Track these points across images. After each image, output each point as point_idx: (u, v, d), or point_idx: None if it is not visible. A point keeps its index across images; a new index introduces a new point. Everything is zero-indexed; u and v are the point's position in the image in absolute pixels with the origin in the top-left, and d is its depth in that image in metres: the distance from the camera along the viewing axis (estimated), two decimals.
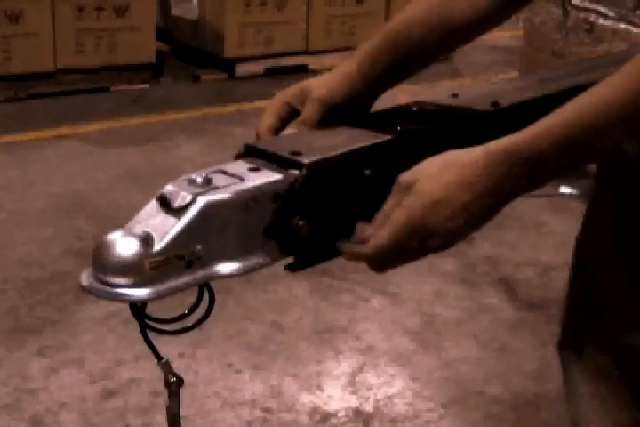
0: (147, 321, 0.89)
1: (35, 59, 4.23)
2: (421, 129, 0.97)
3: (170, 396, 0.90)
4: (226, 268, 0.85)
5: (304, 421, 2.04)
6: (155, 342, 0.91)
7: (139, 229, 0.82)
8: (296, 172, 0.88)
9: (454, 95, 1.07)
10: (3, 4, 4.11)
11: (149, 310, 0.89)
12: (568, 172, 0.89)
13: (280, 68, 4.85)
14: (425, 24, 1.08)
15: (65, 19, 4.26)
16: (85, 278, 0.85)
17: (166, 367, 0.91)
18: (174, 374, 0.90)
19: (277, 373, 2.21)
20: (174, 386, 0.90)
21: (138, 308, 0.88)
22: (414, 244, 0.88)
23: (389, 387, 2.18)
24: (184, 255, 0.82)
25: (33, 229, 2.93)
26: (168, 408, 0.90)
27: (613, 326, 1.19)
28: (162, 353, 0.92)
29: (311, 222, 0.88)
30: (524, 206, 2.94)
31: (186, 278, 0.83)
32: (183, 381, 0.90)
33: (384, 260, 0.91)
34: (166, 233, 0.81)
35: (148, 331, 0.90)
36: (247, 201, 0.85)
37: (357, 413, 2.07)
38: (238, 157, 0.94)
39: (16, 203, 3.15)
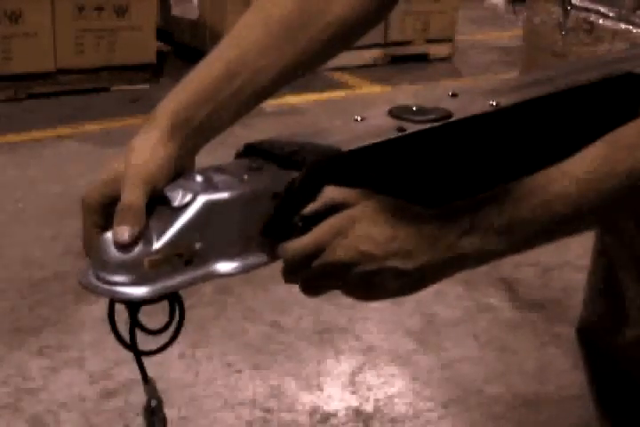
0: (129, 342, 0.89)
1: (35, 59, 4.23)
2: (422, 129, 0.96)
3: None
4: (225, 267, 0.85)
5: (304, 421, 2.04)
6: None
7: None
8: (296, 171, 0.88)
9: (454, 95, 1.06)
10: (3, 4, 4.10)
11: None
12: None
13: None
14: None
15: (65, 19, 4.26)
16: (84, 275, 0.85)
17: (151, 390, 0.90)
18: (157, 397, 0.90)
19: (277, 373, 2.21)
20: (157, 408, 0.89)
21: (131, 342, 0.88)
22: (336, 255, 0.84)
23: (389, 387, 2.18)
24: (183, 254, 0.82)
25: (33, 229, 2.93)
26: None
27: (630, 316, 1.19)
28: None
29: (311, 222, 0.88)
30: None
31: (185, 277, 0.83)
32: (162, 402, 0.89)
33: (302, 265, 0.86)
34: (166, 231, 0.81)
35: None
36: (247, 200, 0.85)
37: (357, 413, 2.07)
38: (238, 156, 0.94)
39: (16, 203, 3.15)
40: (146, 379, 0.90)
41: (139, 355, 0.89)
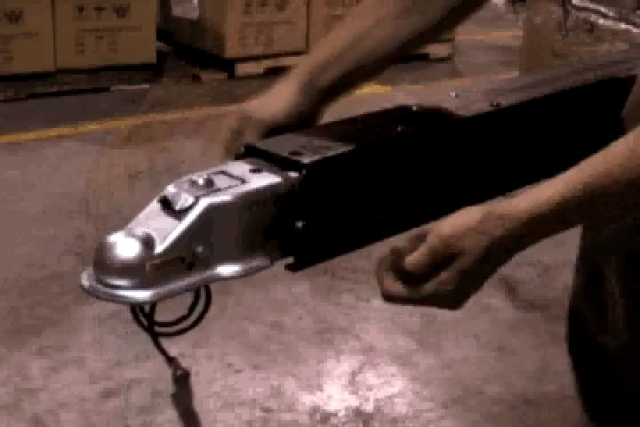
0: (146, 324, 0.90)
1: (35, 59, 4.23)
2: (421, 129, 0.96)
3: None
4: (227, 270, 0.86)
5: (304, 421, 2.04)
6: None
7: (140, 231, 0.82)
8: (296, 172, 0.88)
9: (454, 95, 1.07)
10: (3, 4, 4.10)
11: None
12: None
13: (280, 67, 4.84)
14: (378, 35, 1.07)
15: (65, 19, 4.26)
16: (86, 279, 0.85)
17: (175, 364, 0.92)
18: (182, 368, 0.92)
19: (277, 373, 2.21)
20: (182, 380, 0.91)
21: (144, 313, 0.90)
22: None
23: (389, 387, 2.17)
24: (185, 257, 0.82)
25: (33, 229, 2.93)
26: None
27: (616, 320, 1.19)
28: (161, 354, 0.92)
29: (312, 222, 0.88)
30: None
31: (187, 280, 0.83)
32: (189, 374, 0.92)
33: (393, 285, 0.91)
34: (168, 235, 0.81)
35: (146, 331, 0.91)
36: (249, 203, 0.85)
37: (357, 413, 2.07)
38: (239, 157, 0.94)
39: (16, 203, 3.14)
40: (169, 358, 0.93)
41: (155, 336, 0.91)
